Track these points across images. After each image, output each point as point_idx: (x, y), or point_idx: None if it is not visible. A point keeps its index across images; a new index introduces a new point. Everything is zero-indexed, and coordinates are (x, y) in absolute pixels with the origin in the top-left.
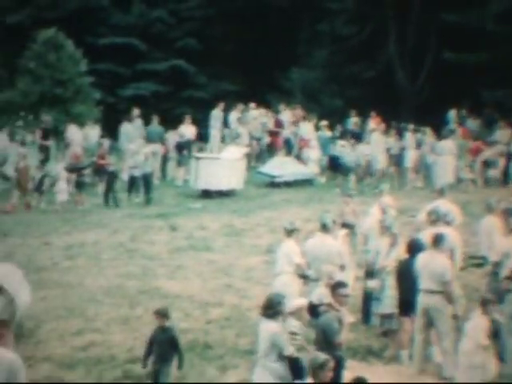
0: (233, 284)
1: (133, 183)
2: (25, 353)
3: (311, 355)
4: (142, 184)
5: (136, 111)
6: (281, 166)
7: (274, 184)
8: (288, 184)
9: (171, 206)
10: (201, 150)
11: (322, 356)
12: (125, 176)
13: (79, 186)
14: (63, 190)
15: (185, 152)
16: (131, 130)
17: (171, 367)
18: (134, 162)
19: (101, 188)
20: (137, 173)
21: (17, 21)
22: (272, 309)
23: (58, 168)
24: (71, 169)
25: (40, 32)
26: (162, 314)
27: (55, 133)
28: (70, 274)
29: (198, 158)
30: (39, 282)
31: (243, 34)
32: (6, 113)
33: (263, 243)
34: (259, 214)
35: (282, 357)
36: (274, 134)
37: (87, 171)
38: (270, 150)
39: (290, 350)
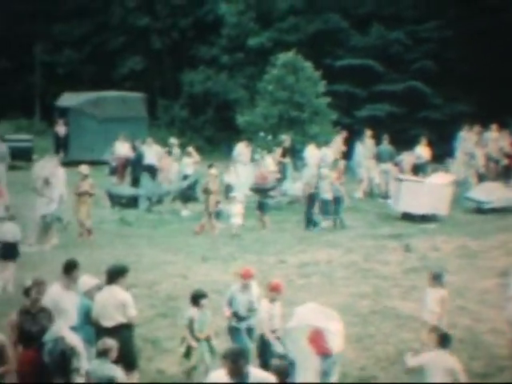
0: (466, 306)
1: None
2: None
3: None
4: (332, 207)
5: (368, 132)
6: (489, 192)
7: (481, 210)
8: (496, 210)
9: (404, 226)
10: (435, 171)
11: None
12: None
13: (262, 207)
14: (238, 213)
15: (420, 173)
16: (363, 150)
17: None
18: (325, 185)
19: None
20: (328, 196)
21: (258, 44)
22: None
23: (294, 188)
24: (256, 189)
25: (279, 55)
26: None
27: (292, 152)
28: (304, 292)
29: (400, 180)
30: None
31: (480, 55)
32: (246, 133)
33: (499, 265)
34: (494, 236)
35: None
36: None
37: (273, 193)
38: (507, 173)
39: None
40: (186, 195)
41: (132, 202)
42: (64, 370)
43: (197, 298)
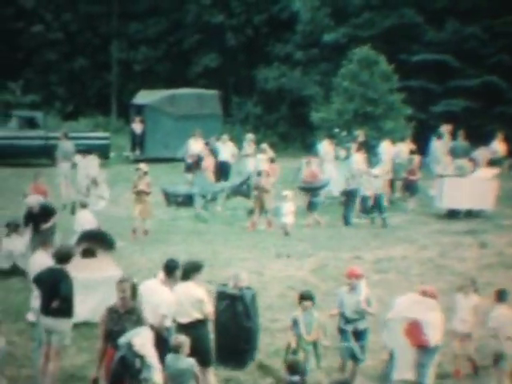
0: None
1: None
2: None
3: None
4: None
5: (443, 128)
6: None
7: None
8: None
9: (480, 222)
10: (511, 167)
11: None
12: (433, 192)
13: (312, 206)
14: (290, 212)
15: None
16: (438, 146)
17: None
18: (367, 182)
19: (412, 204)
20: (368, 192)
21: (333, 39)
22: None
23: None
24: (306, 188)
25: (354, 50)
26: None
27: (367, 147)
28: (380, 288)
29: (443, 177)
30: None
31: None
32: (321, 129)
33: None
34: None
35: None
36: None
37: (322, 191)
38: None
39: None
40: (240, 192)
41: (187, 201)
42: (131, 378)
43: (302, 300)
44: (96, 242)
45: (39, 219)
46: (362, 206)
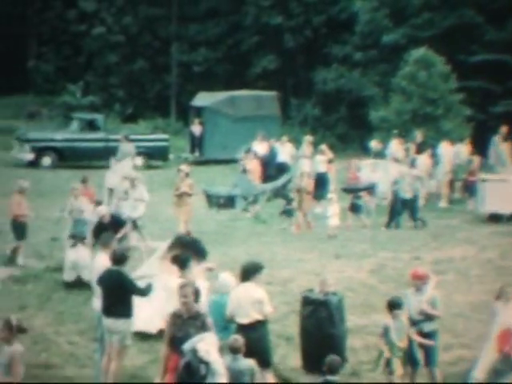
0: None
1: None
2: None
3: None
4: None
5: (503, 128)
6: None
7: None
8: None
9: None
10: None
11: None
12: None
13: (355, 208)
14: (335, 214)
15: None
16: (503, 148)
17: None
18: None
19: (471, 205)
20: (408, 195)
21: (392, 40)
22: None
23: (430, 185)
24: (348, 189)
25: (412, 51)
26: None
27: (424, 148)
28: (439, 289)
29: (484, 181)
30: None
31: None
32: (379, 130)
33: None
34: None
35: None
36: None
37: (363, 193)
38: None
39: None
40: (281, 194)
41: (229, 203)
42: None
43: (392, 308)
44: (188, 249)
45: (109, 230)
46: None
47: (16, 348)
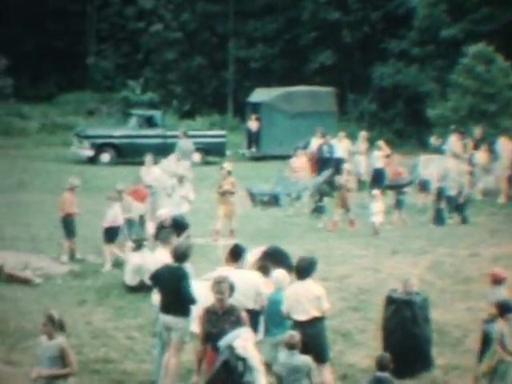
0: None
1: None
2: (452, 361)
3: None
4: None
5: None
6: None
7: None
8: None
9: None
10: None
11: None
12: None
13: (398, 204)
14: (379, 211)
15: None
16: None
17: None
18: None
19: None
20: (453, 192)
21: (451, 35)
22: None
23: (487, 181)
24: (391, 186)
25: (470, 46)
26: None
27: (481, 144)
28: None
29: None
30: (466, 292)
31: None
32: (437, 126)
33: None
34: None
35: None
36: None
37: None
38: None
39: None
40: (323, 190)
41: (273, 200)
42: (234, 382)
43: (506, 312)
44: (277, 261)
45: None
46: (447, 205)
47: (62, 340)
